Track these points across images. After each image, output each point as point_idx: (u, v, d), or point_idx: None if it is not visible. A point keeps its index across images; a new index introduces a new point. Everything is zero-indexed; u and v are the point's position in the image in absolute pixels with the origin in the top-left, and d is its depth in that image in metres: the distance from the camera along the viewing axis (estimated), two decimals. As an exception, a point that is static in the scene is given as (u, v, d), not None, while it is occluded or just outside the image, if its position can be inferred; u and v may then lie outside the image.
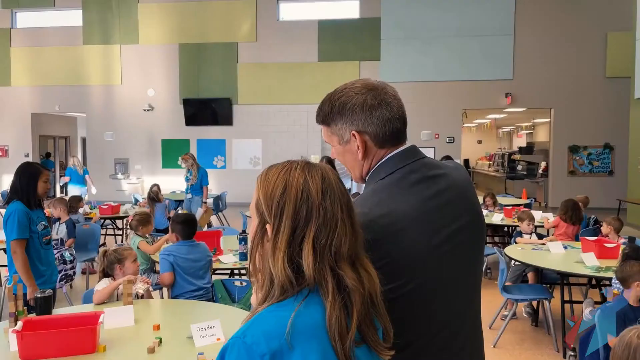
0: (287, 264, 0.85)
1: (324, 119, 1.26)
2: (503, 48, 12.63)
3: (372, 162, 1.23)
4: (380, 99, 1.20)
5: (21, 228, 3.19)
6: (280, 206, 0.88)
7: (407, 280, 1.10)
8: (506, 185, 14.82)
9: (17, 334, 2.11)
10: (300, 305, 0.83)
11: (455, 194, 1.22)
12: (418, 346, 1.15)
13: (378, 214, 1.09)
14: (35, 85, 14.34)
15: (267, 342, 0.80)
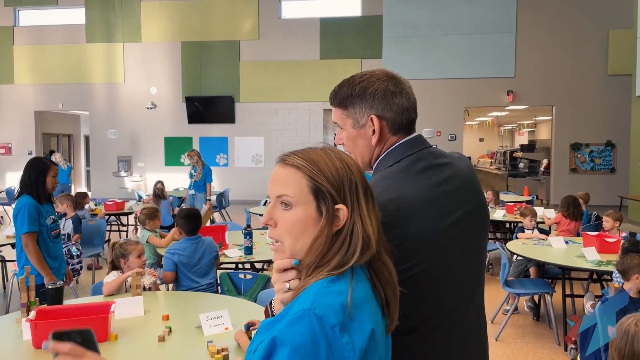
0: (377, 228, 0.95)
1: (342, 101, 1.27)
2: (505, 46, 12.65)
3: (382, 149, 1.27)
4: (401, 88, 1.25)
5: (31, 221, 3.24)
6: (353, 184, 0.95)
7: (415, 263, 1.13)
8: (508, 183, 14.86)
9: (30, 323, 2.16)
10: (353, 283, 0.90)
11: (460, 182, 1.26)
12: (424, 330, 1.17)
13: (387, 199, 1.12)
14: (38, 83, 14.40)
15: (335, 314, 0.84)
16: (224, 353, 2.01)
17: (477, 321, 1.33)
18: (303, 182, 0.94)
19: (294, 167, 0.95)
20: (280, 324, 0.86)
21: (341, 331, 0.84)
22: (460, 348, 1.26)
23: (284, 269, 0.97)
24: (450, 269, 1.21)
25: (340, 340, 0.83)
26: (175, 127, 13.99)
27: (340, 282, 0.89)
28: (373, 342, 0.88)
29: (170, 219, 6.96)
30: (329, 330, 0.83)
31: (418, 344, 1.17)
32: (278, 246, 0.97)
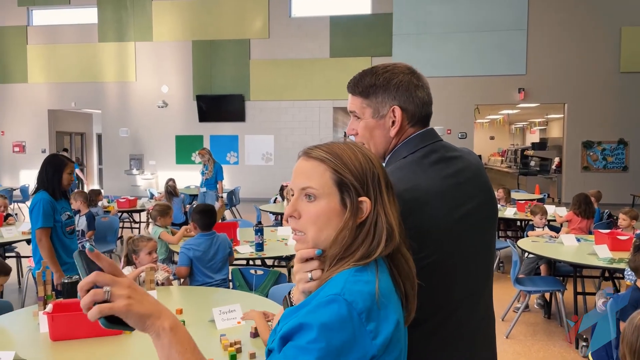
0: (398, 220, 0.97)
1: (365, 89, 1.28)
2: (516, 43, 12.57)
3: (398, 140, 1.28)
4: (422, 83, 1.29)
5: (46, 217, 3.30)
6: (376, 177, 0.97)
7: (430, 252, 1.14)
8: (519, 181, 14.77)
9: (48, 316, 2.21)
10: (378, 274, 0.92)
11: (471, 175, 1.28)
12: (436, 321, 1.19)
13: (402, 188, 1.13)
14: (51, 82, 14.57)
15: (363, 301, 0.86)
16: (236, 346, 2.04)
17: (486, 316, 1.35)
18: (327, 175, 0.96)
19: (318, 160, 0.97)
20: (306, 308, 0.87)
21: (367, 319, 0.85)
22: (470, 341, 1.27)
23: (307, 259, 0.98)
24: (461, 261, 1.22)
25: (365, 328, 0.85)
26: (186, 125, 14.08)
27: (367, 273, 0.91)
28: (397, 332, 0.90)
29: (182, 216, 7.02)
30: (356, 317, 0.84)
31: (429, 335, 1.18)
32: (301, 236, 0.98)
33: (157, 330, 0.82)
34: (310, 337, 0.82)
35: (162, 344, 0.82)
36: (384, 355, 0.87)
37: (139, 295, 0.83)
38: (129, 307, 0.80)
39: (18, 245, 5.69)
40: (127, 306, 0.80)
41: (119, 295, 0.80)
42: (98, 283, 0.81)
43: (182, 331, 0.84)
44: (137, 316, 0.81)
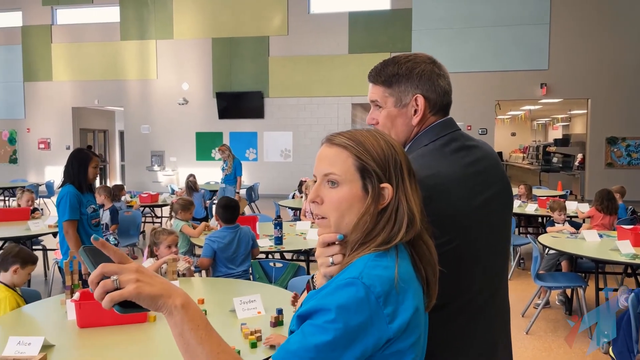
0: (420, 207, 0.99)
1: (387, 78, 1.29)
2: (538, 37, 12.38)
3: (420, 129, 1.30)
4: (443, 72, 1.31)
5: (72, 210, 3.40)
6: (398, 164, 0.98)
7: (451, 238, 1.16)
8: (541, 178, 14.56)
9: (75, 304, 2.29)
10: (399, 260, 0.93)
11: (488, 164, 1.31)
12: (456, 307, 1.20)
13: (424, 175, 1.15)
14: (75, 80, 14.86)
15: (381, 285, 0.87)
16: (257, 334, 2.08)
17: (503, 304, 1.36)
18: (349, 161, 0.97)
19: (340, 147, 0.99)
20: (325, 290, 0.89)
21: (384, 303, 0.87)
22: (489, 329, 1.29)
23: (328, 244, 1.00)
24: (480, 248, 1.24)
25: (382, 312, 0.86)
26: (206, 122, 14.23)
27: (387, 258, 0.92)
28: (416, 318, 0.91)
29: (202, 211, 7.12)
30: (373, 300, 0.86)
31: (449, 320, 1.20)
32: (323, 221, 1.00)
33: (169, 309, 0.84)
34: (329, 317, 0.84)
35: (175, 321, 0.85)
36: (401, 339, 0.89)
37: (148, 278, 0.85)
38: (138, 290, 0.82)
39: (44, 239, 5.85)
40: (136, 289, 0.82)
41: (127, 280, 0.82)
42: (106, 274, 0.82)
43: (193, 309, 0.86)
44: (148, 297, 0.83)
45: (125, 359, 1.98)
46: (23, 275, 2.80)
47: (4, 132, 15.41)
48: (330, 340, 0.83)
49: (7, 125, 15.37)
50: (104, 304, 0.81)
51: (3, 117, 15.34)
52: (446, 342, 1.19)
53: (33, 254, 2.93)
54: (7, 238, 4.89)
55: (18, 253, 2.79)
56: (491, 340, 1.29)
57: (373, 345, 0.86)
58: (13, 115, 15.29)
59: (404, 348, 0.89)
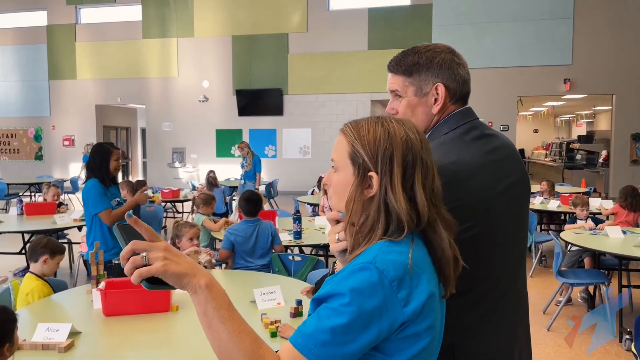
0: (407, 203, 0.94)
1: (408, 68, 1.31)
2: (562, 32, 12.17)
3: (439, 118, 1.32)
4: (462, 61, 1.32)
5: (102, 200, 3.51)
6: (389, 154, 0.96)
7: (473, 224, 1.18)
8: (564, 175, 14.32)
9: (101, 292, 2.35)
10: (413, 246, 0.94)
11: (507, 153, 1.32)
12: (480, 292, 1.22)
13: (447, 162, 1.18)
14: (98, 78, 15.12)
15: (394, 270, 0.89)
16: (277, 324, 2.11)
17: (523, 292, 1.37)
18: (345, 148, 1.00)
19: (342, 134, 1.03)
20: (340, 275, 0.91)
21: (398, 287, 0.88)
22: (512, 315, 1.30)
23: (336, 221, 1.05)
24: (502, 234, 1.25)
25: (396, 296, 0.88)
26: (226, 119, 14.35)
27: (401, 245, 0.94)
28: (430, 304, 0.92)
29: (223, 206, 7.20)
30: (387, 284, 0.88)
31: (472, 307, 1.21)
32: (331, 203, 1.06)
33: (194, 287, 0.87)
34: (344, 301, 0.86)
35: (199, 300, 0.87)
36: (415, 323, 0.90)
37: (175, 257, 0.87)
38: (165, 268, 0.85)
39: (69, 232, 5.99)
40: (163, 267, 0.85)
41: (155, 258, 0.85)
42: (136, 250, 0.86)
43: (217, 289, 0.88)
44: (174, 275, 0.85)
45: (148, 346, 2.03)
46: (52, 265, 2.88)
47: (30, 129, 15.77)
48: (345, 323, 0.85)
49: (33, 123, 15.73)
50: (133, 278, 0.85)
51: (29, 114, 15.71)
52: (470, 328, 1.21)
53: (61, 244, 3.00)
54: (35, 231, 5.03)
55: (47, 244, 2.87)
56: (513, 325, 1.30)
57: (387, 328, 0.88)
58: (39, 113, 15.64)
59: (419, 331, 0.91)
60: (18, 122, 15.82)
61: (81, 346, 1.99)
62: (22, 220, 5.38)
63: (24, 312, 2.43)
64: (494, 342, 1.24)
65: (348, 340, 0.86)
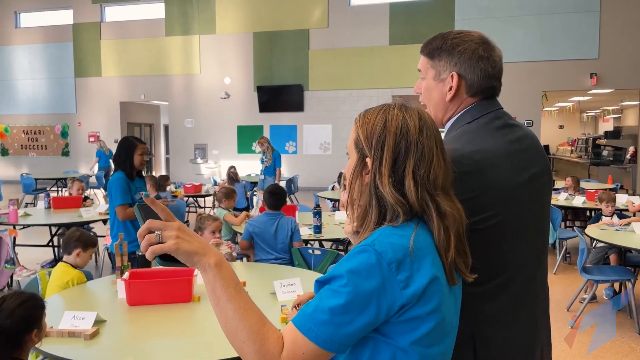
0: (392, 189, 0.96)
1: (431, 51, 1.31)
2: (588, 25, 11.89)
3: (457, 108, 1.30)
4: (490, 54, 1.28)
5: (123, 194, 3.56)
6: (381, 140, 0.98)
7: (493, 214, 1.17)
8: (590, 172, 14.02)
9: (125, 283, 2.40)
10: (417, 230, 0.94)
11: (530, 143, 1.31)
12: (500, 281, 1.21)
13: (470, 150, 1.18)
14: (122, 75, 15.37)
15: (394, 252, 0.90)
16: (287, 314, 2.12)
17: (543, 284, 1.36)
18: (353, 135, 1.05)
19: (354, 122, 1.07)
20: (343, 259, 0.94)
21: (397, 269, 0.89)
22: (530, 306, 1.28)
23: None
24: (523, 225, 1.24)
25: (395, 277, 0.88)
26: (247, 115, 14.44)
27: (404, 228, 0.95)
28: (434, 287, 0.92)
29: (244, 201, 7.26)
30: (385, 266, 0.88)
31: (493, 296, 1.20)
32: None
33: (204, 266, 0.90)
34: (342, 282, 0.88)
35: (208, 278, 0.91)
36: (417, 306, 0.90)
37: (187, 236, 0.91)
38: (177, 246, 0.89)
39: (94, 225, 6.12)
40: (175, 245, 0.89)
41: (168, 236, 0.90)
42: (151, 229, 0.90)
43: (226, 268, 0.92)
44: (185, 253, 0.90)
45: (171, 335, 2.07)
46: (85, 258, 2.95)
47: (57, 126, 16.14)
48: (343, 303, 0.87)
49: (60, 120, 16.09)
50: (147, 255, 0.89)
51: (56, 111, 16.07)
52: (491, 317, 1.20)
53: (93, 237, 3.06)
54: (61, 224, 5.15)
55: (79, 237, 2.93)
56: (533, 317, 1.29)
57: (386, 310, 0.89)
58: (65, 109, 15.99)
59: (421, 315, 0.91)
60: (45, 119, 16.20)
61: (106, 334, 2.04)
62: (49, 213, 5.52)
63: (53, 301, 2.49)
64: (514, 332, 1.23)
65: (346, 320, 0.87)
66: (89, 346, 1.92)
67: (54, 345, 1.90)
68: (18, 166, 16.27)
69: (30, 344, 1.71)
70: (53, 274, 2.87)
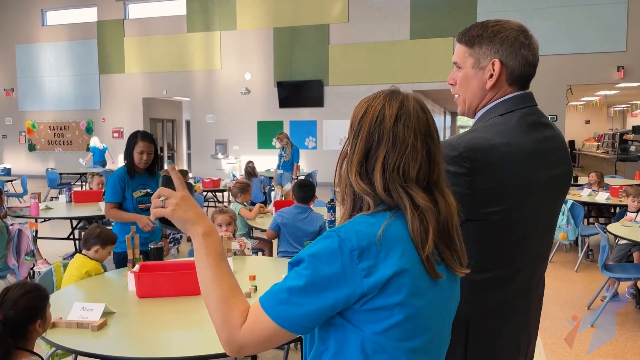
0: (358, 178, 0.96)
1: (471, 39, 1.30)
2: (615, 17, 11.55)
3: (494, 96, 1.28)
4: (530, 42, 1.27)
5: (112, 192, 3.40)
6: (359, 129, 0.98)
7: (513, 206, 1.17)
8: (616, 168, 13.65)
9: (135, 275, 2.42)
10: (390, 219, 0.93)
11: (558, 145, 1.30)
12: (501, 274, 1.21)
13: (499, 142, 1.17)
14: (145, 71, 15.58)
15: (357, 239, 0.89)
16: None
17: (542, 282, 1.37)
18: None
19: None
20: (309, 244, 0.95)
21: (359, 256, 0.88)
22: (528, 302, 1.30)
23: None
24: (534, 224, 1.24)
25: (356, 265, 0.88)
26: (268, 111, 14.49)
27: (378, 216, 0.93)
28: (402, 280, 0.88)
29: (261, 195, 7.29)
30: (347, 252, 0.88)
31: (488, 287, 1.20)
32: None
33: (193, 234, 0.99)
34: (303, 265, 0.90)
35: (195, 245, 0.99)
36: (380, 296, 0.88)
37: (186, 205, 1.00)
38: (173, 212, 0.99)
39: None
40: (171, 211, 1.00)
41: (169, 203, 1.00)
42: (161, 195, 1.02)
43: (212, 239, 0.99)
44: (179, 220, 1.00)
45: (179, 327, 2.08)
46: (103, 254, 2.99)
47: (82, 122, 16.46)
48: (302, 285, 0.88)
49: (84, 116, 16.41)
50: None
51: (81, 108, 16.39)
52: (487, 306, 1.21)
53: (113, 234, 3.06)
54: (81, 217, 5.26)
55: (99, 235, 2.96)
56: (528, 310, 1.30)
57: (346, 296, 0.88)
58: (90, 106, 16.29)
59: (387, 306, 0.89)
60: (71, 115, 16.54)
61: (114, 325, 2.06)
62: (70, 207, 5.63)
63: (66, 291, 2.54)
64: (508, 324, 1.24)
65: (303, 302, 0.89)
66: (96, 337, 1.94)
67: (62, 336, 1.93)
68: (45, 161, 16.66)
69: (35, 334, 1.74)
70: (71, 264, 2.91)
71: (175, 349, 1.89)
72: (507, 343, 1.25)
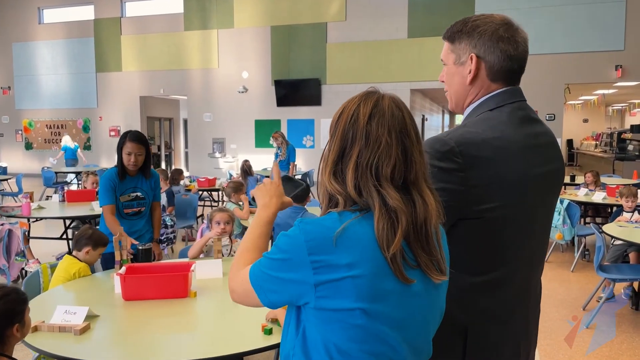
0: (331, 178, 0.97)
1: (451, 35, 1.28)
2: (613, 16, 11.52)
3: (479, 93, 1.25)
4: (511, 35, 1.22)
5: (103, 194, 3.28)
6: (335, 130, 0.99)
7: (504, 204, 1.13)
8: (614, 167, 13.63)
9: (120, 277, 2.38)
10: (357, 218, 0.92)
11: (549, 141, 1.27)
12: (498, 275, 1.17)
13: (491, 136, 1.14)
14: (142, 70, 15.51)
15: (315, 233, 0.91)
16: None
17: (538, 283, 1.33)
18: None
19: None
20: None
21: (311, 248, 0.90)
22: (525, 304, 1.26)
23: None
24: (529, 221, 1.20)
25: (306, 256, 0.91)
26: (265, 110, 14.44)
27: (345, 214, 0.93)
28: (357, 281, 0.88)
29: (256, 195, 7.25)
30: (303, 243, 0.92)
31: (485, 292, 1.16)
32: None
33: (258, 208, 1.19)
34: (277, 242, 0.97)
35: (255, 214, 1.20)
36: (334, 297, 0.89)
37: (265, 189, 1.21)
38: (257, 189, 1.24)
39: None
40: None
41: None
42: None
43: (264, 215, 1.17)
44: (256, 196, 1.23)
45: (164, 331, 2.04)
46: (94, 256, 2.95)
47: (79, 120, 16.40)
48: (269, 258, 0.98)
49: (81, 114, 16.35)
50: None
51: (78, 106, 16.33)
52: (488, 310, 1.17)
53: (104, 236, 3.01)
54: (73, 217, 5.21)
55: (91, 236, 2.93)
56: (526, 315, 1.27)
57: (297, 282, 0.92)
58: (87, 104, 16.23)
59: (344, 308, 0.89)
60: (68, 114, 16.48)
61: (97, 329, 2.02)
62: (63, 206, 5.58)
63: (51, 293, 2.50)
64: (508, 328, 1.20)
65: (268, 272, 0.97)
66: (78, 342, 1.90)
67: (44, 340, 1.89)
68: (42, 160, 16.60)
69: (13, 340, 1.69)
70: (59, 265, 2.88)
71: (159, 353, 1.85)
72: (507, 350, 1.21)
